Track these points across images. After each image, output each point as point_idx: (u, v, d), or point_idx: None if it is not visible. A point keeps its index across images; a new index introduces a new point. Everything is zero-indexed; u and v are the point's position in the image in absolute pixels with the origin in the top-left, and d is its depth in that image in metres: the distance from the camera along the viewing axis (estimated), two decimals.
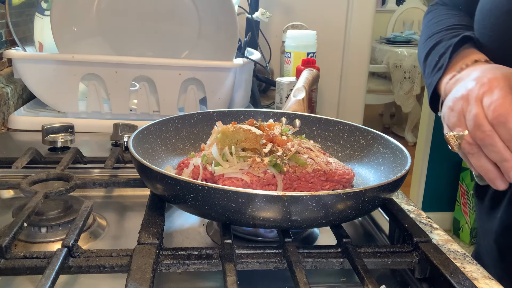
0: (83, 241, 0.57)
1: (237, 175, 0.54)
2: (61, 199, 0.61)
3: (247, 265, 0.48)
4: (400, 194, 0.75)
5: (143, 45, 1.11)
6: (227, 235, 0.50)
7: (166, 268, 0.47)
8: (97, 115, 1.05)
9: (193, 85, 1.06)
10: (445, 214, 2.73)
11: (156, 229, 0.51)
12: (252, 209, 0.47)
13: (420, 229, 0.53)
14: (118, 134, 0.85)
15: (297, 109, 0.81)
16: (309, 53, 1.26)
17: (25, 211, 0.52)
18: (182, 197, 0.50)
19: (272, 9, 1.70)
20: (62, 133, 0.85)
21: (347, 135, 0.73)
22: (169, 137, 0.71)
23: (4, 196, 0.70)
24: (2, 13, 1.06)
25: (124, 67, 1.02)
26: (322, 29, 1.58)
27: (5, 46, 1.11)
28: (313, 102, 1.11)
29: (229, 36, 1.05)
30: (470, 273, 0.52)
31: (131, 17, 1.09)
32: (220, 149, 0.57)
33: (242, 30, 1.51)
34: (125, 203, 0.69)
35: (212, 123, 0.71)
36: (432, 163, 2.66)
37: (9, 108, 1.03)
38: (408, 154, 0.61)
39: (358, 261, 0.47)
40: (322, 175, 0.58)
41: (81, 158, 0.75)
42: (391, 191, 0.54)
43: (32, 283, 0.48)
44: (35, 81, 1.03)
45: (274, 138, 0.60)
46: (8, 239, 0.46)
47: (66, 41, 1.04)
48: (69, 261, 0.45)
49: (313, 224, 0.52)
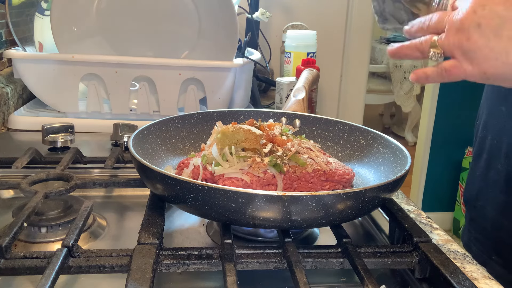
0: (83, 241, 0.57)
1: (237, 175, 0.54)
2: (61, 199, 0.61)
3: (247, 265, 0.48)
4: (400, 194, 0.75)
5: (143, 45, 1.11)
6: (227, 235, 0.50)
7: (166, 268, 0.47)
8: (97, 115, 1.05)
9: (193, 85, 1.06)
10: (445, 214, 2.73)
11: (156, 229, 0.51)
12: (252, 209, 0.47)
13: (420, 229, 0.53)
14: (118, 134, 0.85)
15: (297, 109, 0.81)
16: (309, 53, 1.26)
17: (25, 211, 0.52)
18: (182, 197, 0.50)
19: (272, 9, 1.70)
20: (62, 133, 0.85)
21: (347, 135, 0.74)
22: (169, 137, 0.71)
23: (4, 196, 0.70)
24: (2, 13, 1.06)
25: (124, 67, 1.02)
26: (322, 29, 1.58)
27: (5, 46, 1.11)
28: (313, 102, 1.11)
29: (229, 36, 1.05)
30: (470, 273, 0.52)
31: (131, 17, 1.09)
32: (220, 149, 0.57)
33: (242, 30, 1.51)
34: (125, 203, 0.69)
35: (212, 123, 0.71)
36: (432, 163, 2.66)
37: (9, 108, 1.03)
38: (408, 154, 0.61)
39: (358, 261, 0.47)
40: (322, 175, 0.58)
41: (81, 158, 0.75)
42: (391, 191, 0.54)
43: (32, 283, 0.48)
44: (35, 81, 1.03)
45: (274, 138, 0.60)
46: (8, 239, 0.46)
47: (66, 41, 1.04)
48: (69, 261, 0.45)
49: (313, 224, 0.52)
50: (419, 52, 0.55)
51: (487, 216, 0.74)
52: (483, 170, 0.75)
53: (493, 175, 0.72)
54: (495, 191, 0.72)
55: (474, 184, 0.78)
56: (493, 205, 0.73)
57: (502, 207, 0.71)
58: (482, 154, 0.76)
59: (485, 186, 0.75)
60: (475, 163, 0.78)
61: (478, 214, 0.77)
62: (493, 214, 0.73)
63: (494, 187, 0.72)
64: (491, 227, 0.74)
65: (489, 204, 0.73)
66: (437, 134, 2.61)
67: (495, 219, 0.72)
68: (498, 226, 0.72)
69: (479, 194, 0.76)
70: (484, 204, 0.75)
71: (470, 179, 0.80)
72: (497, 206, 0.72)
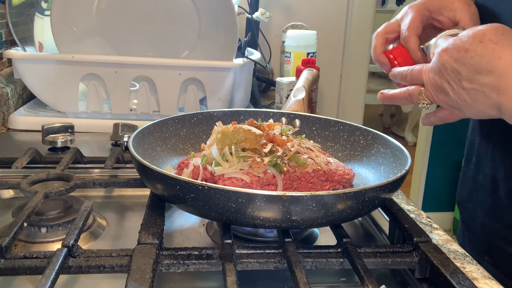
0: (83, 241, 0.57)
1: (237, 175, 0.54)
2: (61, 199, 0.61)
3: (247, 265, 0.48)
4: (400, 194, 0.75)
5: (143, 45, 1.11)
6: (227, 235, 0.50)
7: (166, 268, 0.47)
8: (97, 115, 1.05)
9: (193, 85, 1.06)
10: (445, 214, 2.73)
11: (156, 229, 0.51)
12: (252, 209, 0.47)
13: (420, 229, 0.53)
14: (118, 134, 0.85)
15: (297, 109, 0.81)
16: (309, 53, 1.26)
17: (25, 211, 0.52)
18: (182, 197, 0.50)
19: (272, 9, 1.70)
20: (62, 133, 0.85)
21: (347, 135, 0.73)
22: (169, 137, 0.71)
23: (4, 196, 0.70)
24: (2, 13, 1.06)
25: (124, 67, 1.02)
26: (322, 29, 1.58)
27: (5, 46, 1.11)
28: (313, 102, 1.11)
29: (229, 36, 1.05)
30: (470, 273, 0.52)
31: (131, 17, 1.09)
32: (220, 149, 0.57)
33: (242, 30, 1.50)
34: (125, 203, 0.69)
35: (212, 123, 0.71)
36: (432, 163, 2.66)
37: (9, 108, 1.03)
38: (408, 154, 0.61)
39: (358, 261, 0.47)
40: (322, 175, 0.58)
41: (81, 158, 0.75)
42: (391, 191, 0.54)
43: (32, 283, 0.48)
44: (35, 81, 1.03)
45: (274, 138, 0.60)
46: (8, 239, 0.46)
47: (66, 41, 1.04)
48: (69, 261, 0.45)
49: (313, 224, 0.52)
50: (408, 101, 0.61)
51: (477, 219, 0.74)
52: (473, 173, 0.76)
53: (481, 178, 0.73)
54: (484, 194, 0.72)
55: (465, 187, 0.78)
56: (482, 208, 0.73)
57: (491, 210, 0.71)
58: (471, 158, 0.76)
59: (474, 189, 0.75)
60: (466, 166, 0.79)
61: (469, 216, 0.77)
62: (483, 217, 0.73)
63: (483, 190, 0.72)
64: (481, 229, 0.74)
65: (479, 207, 0.74)
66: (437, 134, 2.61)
67: (484, 221, 0.73)
68: (488, 228, 0.72)
69: (469, 197, 0.77)
70: (474, 206, 0.75)
71: (462, 182, 0.80)
72: (486, 209, 0.72)
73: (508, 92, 0.50)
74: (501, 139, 0.69)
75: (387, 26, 0.68)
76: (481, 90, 0.52)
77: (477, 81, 0.52)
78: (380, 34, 0.68)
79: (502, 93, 0.50)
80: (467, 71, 0.52)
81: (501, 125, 0.56)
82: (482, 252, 0.73)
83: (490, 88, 0.51)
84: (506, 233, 0.69)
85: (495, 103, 0.51)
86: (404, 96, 0.61)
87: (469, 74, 0.52)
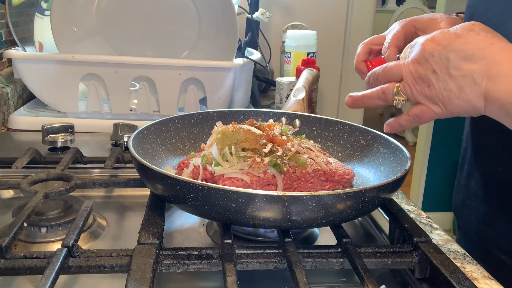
0: (83, 241, 0.57)
1: (237, 175, 0.54)
2: (61, 199, 0.61)
3: (247, 265, 0.48)
4: (400, 194, 0.75)
5: (143, 45, 1.11)
6: (227, 235, 0.50)
7: (166, 268, 0.47)
8: (97, 115, 1.05)
9: (193, 85, 1.06)
10: (445, 214, 2.73)
11: (156, 229, 0.51)
12: (252, 209, 0.47)
13: (420, 229, 0.53)
14: (118, 134, 0.85)
15: (297, 109, 0.81)
16: (309, 53, 1.26)
17: (25, 211, 0.52)
18: (182, 197, 0.50)
19: (272, 9, 1.70)
20: (62, 133, 0.84)
21: (347, 135, 0.73)
22: (169, 137, 0.71)
23: (4, 196, 0.70)
24: (2, 13, 1.06)
25: (124, 67, 1.02)
26: (322, 29, 1.58)
27: (5, 46, 1.11)
28: (313, 102, 1.11)
29: (229, 36, 1.05)
30: (470, 273, 0.52)
31: (131, 17, 1.09)
32: (220, 149, 0.57)
33: (242, 30, 1.51)
34: (125, 203, 0.69)
35: (212, 123, 0.71)
36: (432, 163, 2.66)
37: (9, 108, 1.03)
38: (408, 154, 0.61)
39: (358, 261, 0.47)
40: (322, 175, 0.58)
41: (81, 158, 0.75)
42: (391, 191, 0.54)
43: (32, 283, 0.48)
44: (35, 81, 1.03)
45: (274, 138, 0.60)
46: (8, 239, 0.46)
47: (66, 41, 1.04)
48: (69, 261, 0.45)
49: (313, 224, 0.52)
50: (381, 101, 0.60)
51: (473, 226, 0.74)
52: (466, 180, 0.75)
53: (474, 185, 0.73)
54: (477, 202, 0.72)
55: (459, 194, 0.78)
56: (476, 215, 0.73)
57: (484, 217, 0.71)
58: (464, 165, 0.76)
59: (468, 196, 0.75)
60: (460, 173, 0.79)
61: (465, 224, 0.77)
62: (477, 224, 0.73)
63: (476, 197, 0.72)
64: (476, 236, 0.74)
65: (473, 214, 0.73)
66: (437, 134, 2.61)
67: (479, 229, 0.72)
68: (482, 236, 0.72)
69: (463, 204, 0.77)
70: (468, 213, 0.75)
71: (456, 189, 0.80)
72: (480, 216, 0.72)
73: (499, 77, 0.49)
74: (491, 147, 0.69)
75: (374, 37, 0.69)
76: (471, 76, 0.50)
77: (466, 68, 0.50)
78: (365, 44, 0.69)
79: (492, 79, 0.49)
80: (457, 57, 0.51)
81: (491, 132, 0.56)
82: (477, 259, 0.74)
83: (480, 74, 0.50)
84: (500, 241, 0.69)
85: (483, 91, 0.50)
86: (376, 95, 0.59)
87: (458, 60, 0.50)
